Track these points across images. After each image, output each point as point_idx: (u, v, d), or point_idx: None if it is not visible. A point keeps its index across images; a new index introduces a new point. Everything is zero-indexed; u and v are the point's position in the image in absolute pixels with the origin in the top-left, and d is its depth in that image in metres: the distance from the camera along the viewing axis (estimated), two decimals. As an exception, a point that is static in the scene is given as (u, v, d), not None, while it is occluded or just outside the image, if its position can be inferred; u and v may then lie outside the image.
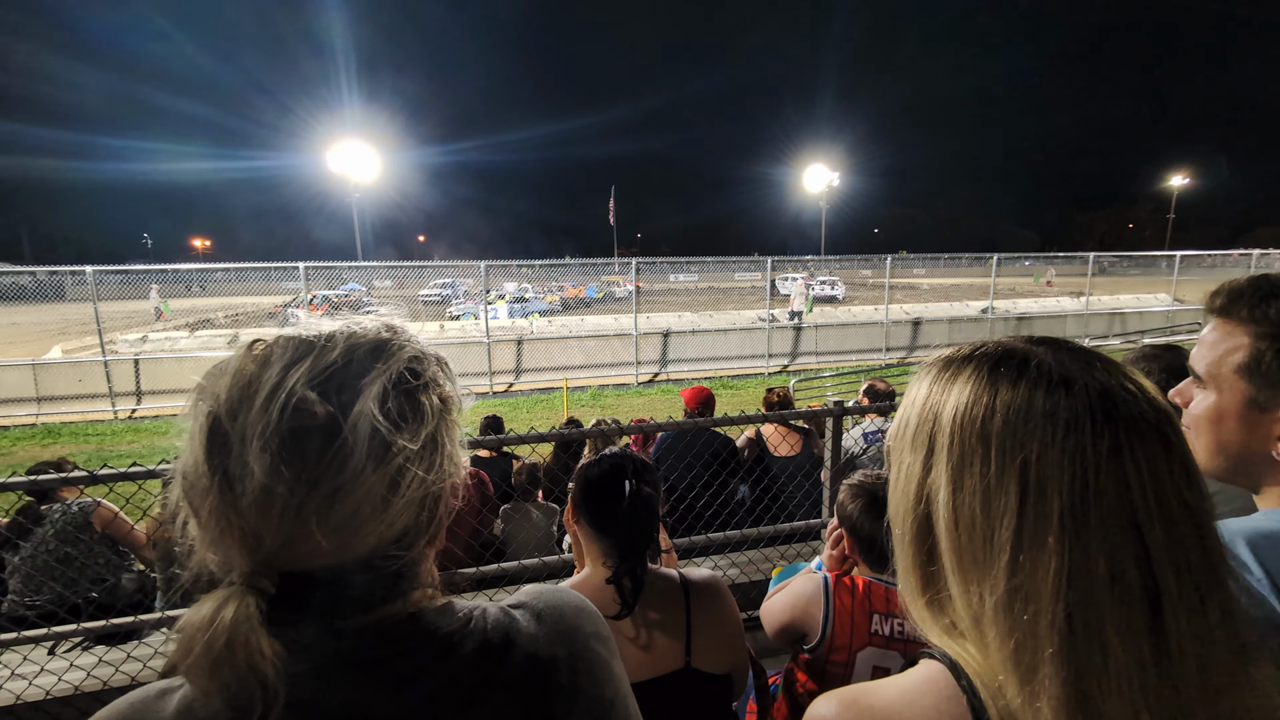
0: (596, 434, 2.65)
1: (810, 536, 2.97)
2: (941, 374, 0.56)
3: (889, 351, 14.91)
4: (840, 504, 1.49)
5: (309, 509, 0.48)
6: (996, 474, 0.49)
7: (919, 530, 0.55)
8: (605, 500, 1.21)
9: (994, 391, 0.51)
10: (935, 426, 0.54)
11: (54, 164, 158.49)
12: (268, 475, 0.47)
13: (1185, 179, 65.75)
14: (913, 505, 0.55)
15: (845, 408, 2.73)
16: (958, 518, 0.51)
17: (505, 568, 2.40)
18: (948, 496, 0.51)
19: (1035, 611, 0.46)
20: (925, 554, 0.54)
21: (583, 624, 0.64)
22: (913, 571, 0.56)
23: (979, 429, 0.50)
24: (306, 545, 0.49)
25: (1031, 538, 0.47)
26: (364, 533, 0.50)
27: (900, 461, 0.57)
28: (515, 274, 29.25)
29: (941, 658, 0.54)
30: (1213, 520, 0.48)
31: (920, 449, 0.55)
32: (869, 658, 1.31)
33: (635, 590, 1.16)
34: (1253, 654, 0.47)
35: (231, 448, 0.48)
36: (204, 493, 0.48)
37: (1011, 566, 0.48)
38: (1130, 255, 24.65)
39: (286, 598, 0.49)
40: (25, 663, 2.10)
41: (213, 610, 0.46)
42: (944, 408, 0.53)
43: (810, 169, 51.38)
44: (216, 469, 0.48)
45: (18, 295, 12.53)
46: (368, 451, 0.49)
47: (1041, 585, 0.46)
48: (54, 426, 9.99)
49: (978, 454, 0.50)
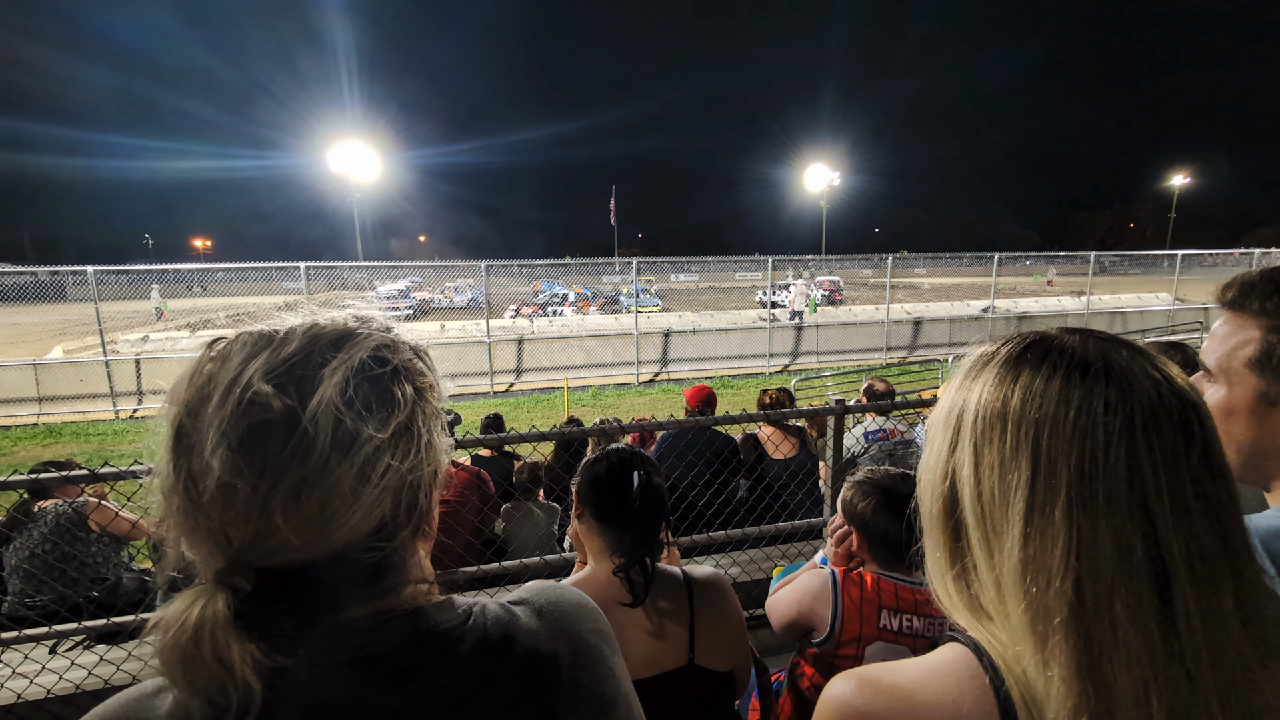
0: (598, 433, 2.65)
1: (811, 535, 2.96)
2: (975, 365, 0.59)
3: (890, 351, 14.90)
4: (848, 501, 1.47)
5: (274, 504, 0.47)
6: (1011, 449, 0.51)
7: (946, 505, 0.57)
8: (614, 493, 1.21)
9: (1016, 375, 0.54)
10: (963, 408, 0.57)
11: (55, 164, 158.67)
12: (228, 472, 0.46)
13: (1186, 178, 65.69)
14: (939, 480, 0.58)
15: (847, 406, 2.72)
16: (979, 491, 0.54)
17: (506, 566, 2.40)
18: (970, 471, 0.54)
19: (1046, 581, 0.48)
20: (952, 529, 0.57)
21: (584, 620, 0.63)
22: (941, 547, 0.58)
23: (999, 407, 0.53)
24: (276, 540, 0.48)
25: (1041, 511, 0.49)
26: (336, 525, 0.49)
27: (932, 442, 0.60)
28: (515, 274, 29.23)
29: (965, 640, 0.55)
30: (1236, 513, 0.48)
31: (949, 429, 0.57)
32: (878, 652, 1.30)
33: (646, 582, 1.16)
34: (1275, 650, 0.47)
35: (194, 446, 0.48)
36: (170, 492, 0.48)
37: (1024, 537, 0.50)
38: (1131, 254, 24.50)
39: (264, 594, 0.48)
40: (26, 661, 2.10)
41: (182, 609, 0.45)
42: (972, 392, 0.57)
43: (811, 168, 51.37)
44: (180, 468, 0.48)
45: (19, 295, 12.54)
46: (332, 442, 0.48)
47: (1051, 557, 0.48)
48: (55, 426, 10.01)
49: (996, 430, 0.53)
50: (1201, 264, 26.49)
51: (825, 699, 0.59)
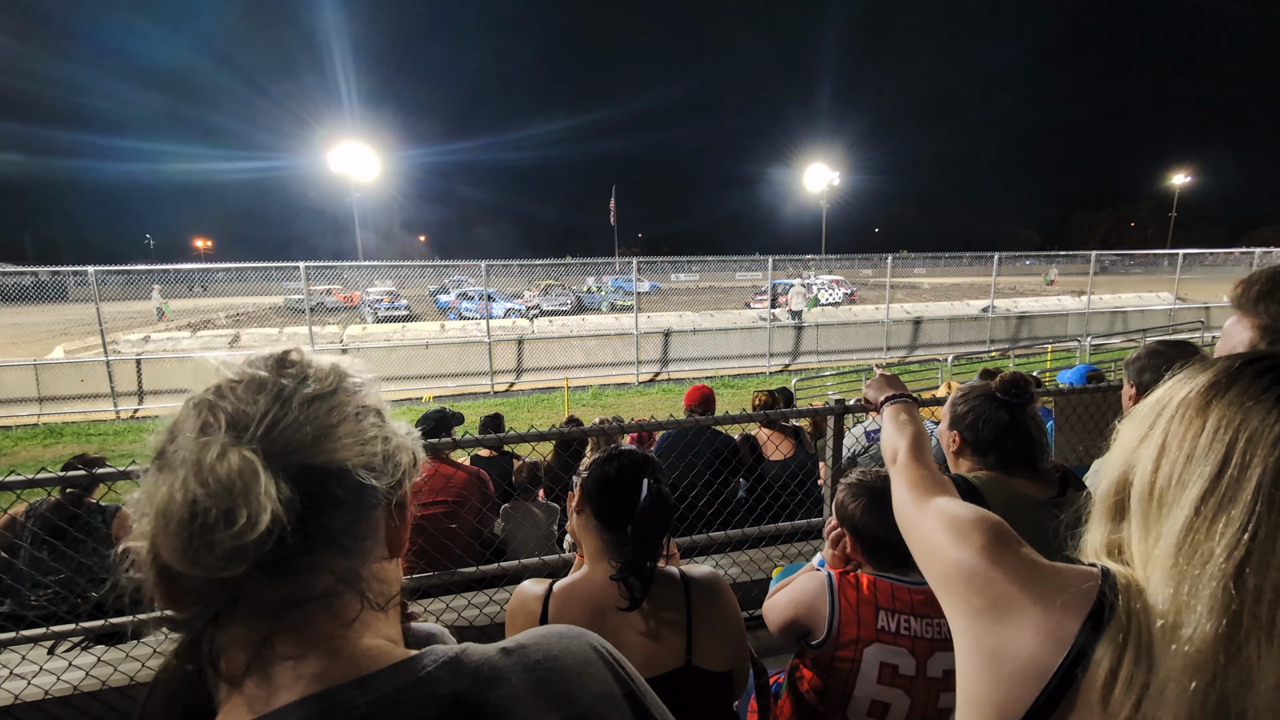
0: (597, 433, 2.64)
1: (811, 535, 2.96)
2: (1189, 372, 0.61)
3: (890, 351, 14.89)
4: (840, 504, 1.48)
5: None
6: (1205, 444, 0.53)
7: (1116, 486, 0.61)
8: (621, 497, 1.19)
9: (1231, 380, 0.55)
10: (1165, 405, 0.58)
11: (56, 165, 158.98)
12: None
13: (1187, 177, 65.58)
14: (1116, 467, 0.61)
15: (846, 406, 2.72)
16: (1156, 476, 0.56)
17: (505, 567, 2.40)
18: (1154, 455, 0.57)
19: (1204, 560, 0.50)
20: (1116, 507, 0.61)
21: (587, 684, 0.53)
22: (1102, 521, 0.63)
23: (1205, 403, 0.55)
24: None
25: (1220, 501, 0.51)
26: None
27: (1120, 435, 0.63)
28: (516, 274, 29.26)
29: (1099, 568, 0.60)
30: None
31: (1144, 423, 0.60)
32: (877, 653, 1.30)
33: (644, 586, 1.15)
34: None
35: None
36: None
37: (1193, 517, 0.52)
38: (1132, 254, 24.41)
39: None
40: (24, 662, 2.10)
41: (161, 662, 0.49)
42: (1179, 391, 0.58)
43: (811, 168, 51.34)
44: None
45: (20, 296, 12.58)
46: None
47: (1214, 541, 0.50)
48: (56, 426, 10.02)
49: (1195, 424, 0.55)
50: (1202, 263, 26.44)
51: (965, 512, 0.73)
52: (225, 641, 0.48)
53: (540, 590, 1.21)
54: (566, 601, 1.19)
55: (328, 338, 12.95)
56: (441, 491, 3.01)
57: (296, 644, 0.48)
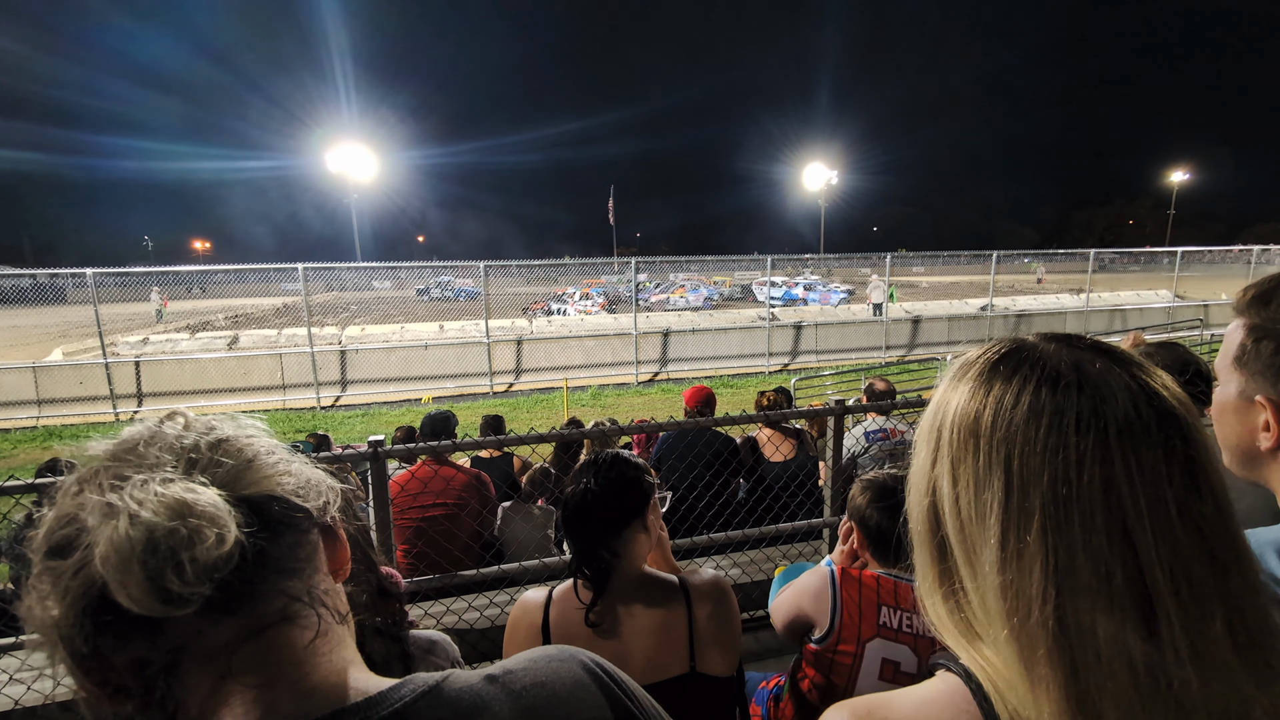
0: (597, 434, 2.64)
1: (812, 536, 2.96)
2: (956, 373, 0.56)
3: (889, 350, 14.90)
4: (851, 497, 1.51)
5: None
6: (985, 467, 0.49)
7: (930, 522, 0.55)
8: (574, 516, 1.24)
9: (989, 388, 0.51)
10: (941, 422, 0.54)
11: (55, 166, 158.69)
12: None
13: (1186, 175, 65.66)
14: (921, 496, 0.56)
15: (847, 406, 2.72)
16: (959, 509, 0.51)
17: (505, 569, 2.40)
18: (949, 487, 0.52)
19: (1027, 609, 0.46)
20: (937, 547, 0.54)
21: (578, 711, 0.52)
22: (929, 565, 0.56)
23: (971, 424, 0.51)
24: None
25: (1017, 534, 0.47)
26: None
27: (916, 455, 0.58)
28: (514, 274, 29.21)
29: (956, 669, 0.53)
30: (1226, 533, 0.46)
31: (930, 442, 0.55)
32: (878, 649, 1.31)
33: (599, 578, 1.18)
34: (1276, 675, 0.44)
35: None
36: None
37: (1001, 561, 0.47)
38: (1131, 251, 24.42)
39: None
40: (25, 667, 2.09)
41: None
42: (949, 404, 0.54)
43: (809, 167, 51.34)
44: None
45: (18, 298, 12.53)
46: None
47: (1029, 583, 0.46)
48: (55, 429, 10.01)
49: (969, 448, 0.50)
50: (1201, 261, 26.47)
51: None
52: (182, 693, 0.46)
53: (540, 598, 1.23)
54: (566, 607, 1.19)
55: (326, 338, 12.92)
56: (442, 494, 3.01)
57: (258, 677, 0.47)
